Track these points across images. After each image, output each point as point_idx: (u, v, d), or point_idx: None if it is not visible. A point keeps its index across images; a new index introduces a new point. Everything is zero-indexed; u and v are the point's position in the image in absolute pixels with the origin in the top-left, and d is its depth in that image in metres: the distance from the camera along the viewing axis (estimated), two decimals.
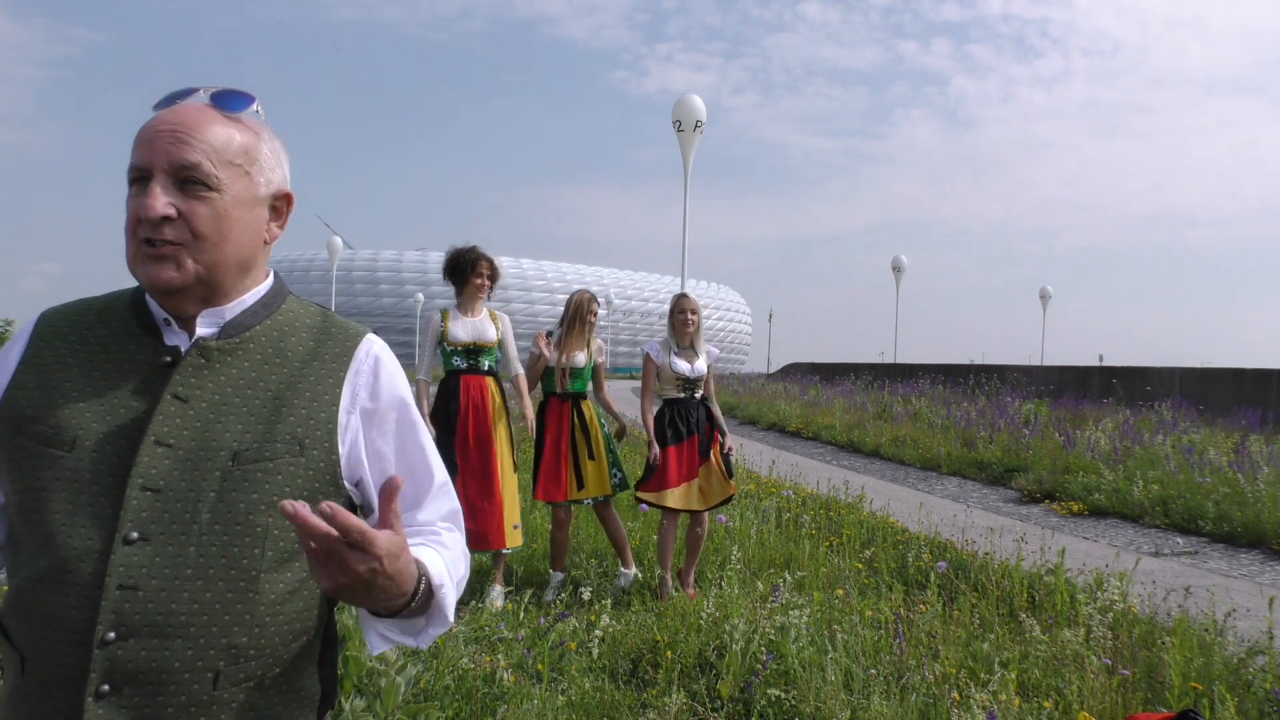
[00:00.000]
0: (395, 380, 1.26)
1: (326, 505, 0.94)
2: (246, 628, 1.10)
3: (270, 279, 1.26)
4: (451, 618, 1.15)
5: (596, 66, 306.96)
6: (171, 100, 1.18)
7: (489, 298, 5.18)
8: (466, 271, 5.05)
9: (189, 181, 1.11)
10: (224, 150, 1.14)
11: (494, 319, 5.11)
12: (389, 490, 1.00)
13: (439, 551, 1.19)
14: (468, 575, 1.27)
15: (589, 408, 5.31)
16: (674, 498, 5.05)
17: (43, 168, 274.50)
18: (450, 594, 1.15)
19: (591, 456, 5.22)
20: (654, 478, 5.06)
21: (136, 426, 1.10)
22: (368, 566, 0.96)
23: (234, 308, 1.19)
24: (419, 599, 1.08)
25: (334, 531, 0.92)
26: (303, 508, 0.91)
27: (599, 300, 5.49)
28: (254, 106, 1.20)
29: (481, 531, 4.86)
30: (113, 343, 1.17)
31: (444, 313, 5.08)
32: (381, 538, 0.97)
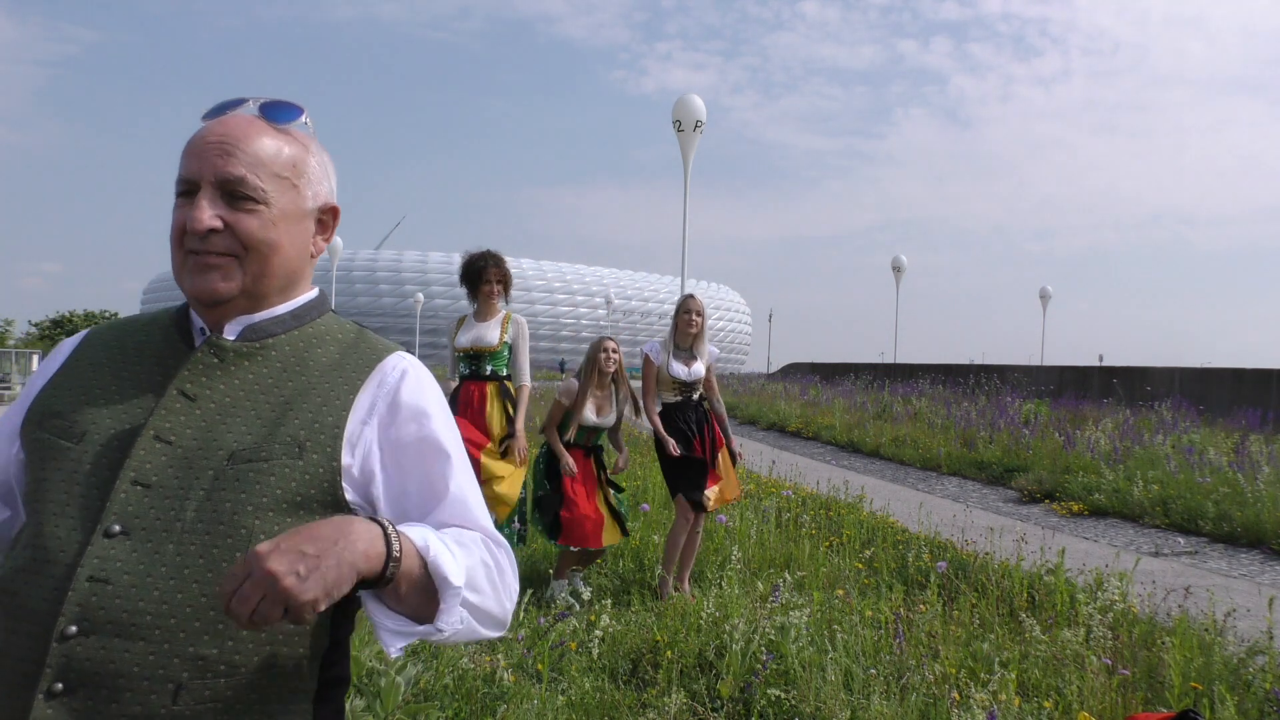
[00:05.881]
0: (423, 393, 1.20)
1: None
2: (218, 639, 1.03)
3: (313, 293, 1.25)
4: (455, 579, 1.03)
5: (595, 66, 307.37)
6: (220, 110, 1.18)
7: (506, 300, 5.17)
8: (476, 279, 5.08)
9: (236, 195, 1.11)
10: (271, 163, 1.14)
11: (505, 323, 5.06)
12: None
13: (427, 530, 1.06)
14: (503, 578, 1.14)
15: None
16: (711, 500, 5.08)
17: (43, 168, 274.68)
18: (446, 557, 1.03)
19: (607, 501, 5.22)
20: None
21: (143, 422, 1.10)
22: (270, 564, 0.90)
23: (262, 315, 1.18)
24: (397, 558, 0.99)
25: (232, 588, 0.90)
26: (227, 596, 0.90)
27: (612, 339, 5.23)
28: (303, 118, 1.20)
29: None
30: (149, 348, 1.18)
31: (460, 319, 5.13)
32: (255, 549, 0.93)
